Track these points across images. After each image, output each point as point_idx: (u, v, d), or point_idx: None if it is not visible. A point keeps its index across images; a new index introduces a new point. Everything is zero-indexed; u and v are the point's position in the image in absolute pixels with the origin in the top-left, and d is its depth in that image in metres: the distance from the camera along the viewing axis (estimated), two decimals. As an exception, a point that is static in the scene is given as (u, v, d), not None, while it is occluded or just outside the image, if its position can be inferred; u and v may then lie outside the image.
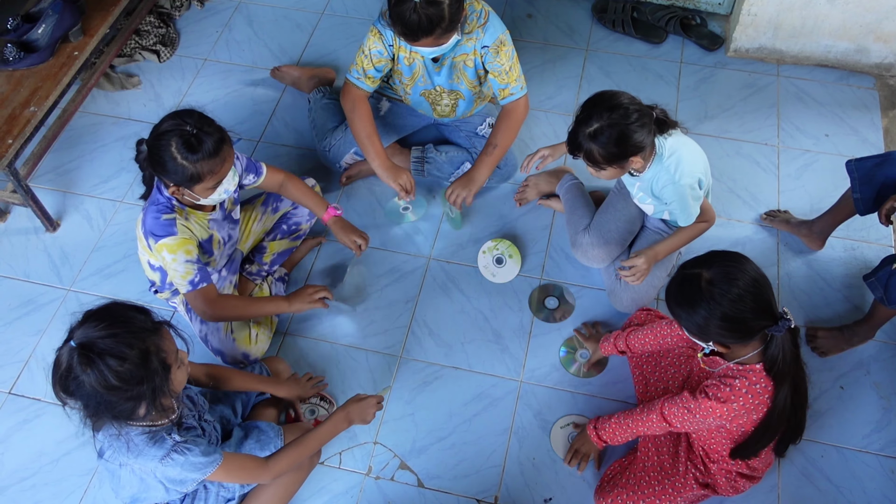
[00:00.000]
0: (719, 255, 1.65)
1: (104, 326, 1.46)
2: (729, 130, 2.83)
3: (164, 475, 1.62)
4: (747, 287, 1.58)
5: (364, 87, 2.42)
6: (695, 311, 1.61)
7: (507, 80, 2.37)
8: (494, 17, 2.31)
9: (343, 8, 3.30)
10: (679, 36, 3.12)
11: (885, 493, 2.06)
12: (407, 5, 2.05)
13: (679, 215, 2.14)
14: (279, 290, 2.39)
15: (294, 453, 1.82)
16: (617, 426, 1.97)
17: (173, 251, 1.96)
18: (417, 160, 2.66)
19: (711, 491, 1.96)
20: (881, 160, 2.09)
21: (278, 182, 2.28)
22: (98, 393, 1.45)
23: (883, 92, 2.91)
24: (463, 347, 2.35)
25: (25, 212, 2.67)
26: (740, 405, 1.69)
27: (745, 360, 1.70)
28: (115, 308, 1.52)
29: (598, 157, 1.94)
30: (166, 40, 3.15)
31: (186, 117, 1.86)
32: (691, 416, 1.77)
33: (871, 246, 2.51)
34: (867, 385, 2.24)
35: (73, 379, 1.44)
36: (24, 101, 2.42)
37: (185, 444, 1.61)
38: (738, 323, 1.59)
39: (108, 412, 1.49)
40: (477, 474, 2.13)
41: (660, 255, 2.22)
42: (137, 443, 1.57)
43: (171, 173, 1.86)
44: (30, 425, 2.25)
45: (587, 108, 1.94)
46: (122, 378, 1.44)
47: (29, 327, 2.43)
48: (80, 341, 1.44)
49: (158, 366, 1.50)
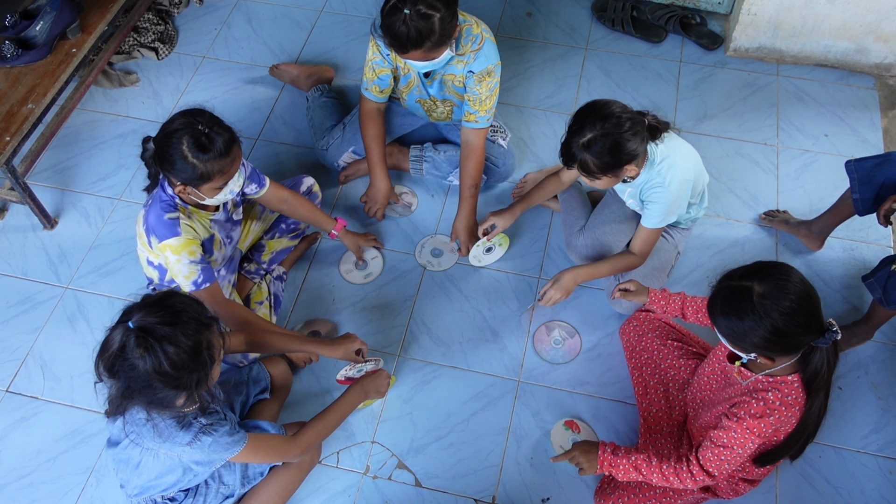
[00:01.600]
0: (770, 267, 1.59)
1: (164, 314, 1.50)
2: (728, 130, 2.82)
3: (191, 458, 1.66)
4: (800, 301, 1.54)
5: (373, 98, 2.42)
6: (742, 323, 1.56)
7: (477, 107, 2.34)
8: (490, 45, 2.28)
9: (342, 6, 3.29)
10: (679, 35, 3.11)
11: (883, 494, 2.06)
12: (397, 16, 2.04)
13: (652, 217, 2.12)
14: (277, 288, 2.39)
15: (320, 426, 1.88)
16: (633, 470, 1.84)
17: (177, 252, 1.95)
18: (416, 159, 2.65)
19: (712, 494, 1.96)
20: (881, 160, 2.09)
21: (281, 198, 2.26)
22: (146, 377, 1.48)
23: (883, 92, 2.91)
24: (461, 347, 2.35)
25: (23, 209, 2.66)
26: (776, 418, 1.65)
27: (776, 372, 1.66)
28: (175, 298, 1.57)
29: (593, 168, 1.93)
30: (165, 38, 3.14)
31: (198, 116, 1.86)
32: (731, 452, 1.69)
33: (870, 246, 2.51)
34: (865, 386, 2.24)
35: (124, 360, 1.47)
36: (21, 98, 2.42)
37: (211, 426, 1.64)
38: (787, 336, 1.55)
39: (145, 397, 1.52)
40: (475, 474, 2.13)
41: (580, 278, 2.22)
42: (165, 427, 1.60)
43: (179, 171, 1.85)
44: (27, 423, 2.24)
45: (579, 119, 1.93)
46: (175, 366, 1.48)
47: (26, 325, 2.42)
48: (139, 325, 1.47)
49: (207, 359, 1.54)
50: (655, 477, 1.80)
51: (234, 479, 1.90)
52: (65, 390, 2.30)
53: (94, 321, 2.42)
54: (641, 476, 1.82)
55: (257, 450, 1.75)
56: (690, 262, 2.49)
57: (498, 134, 2.62)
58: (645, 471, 1.81)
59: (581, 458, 1.93)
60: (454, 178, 2.64)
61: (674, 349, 2.11)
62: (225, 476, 1.89)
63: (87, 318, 2.43)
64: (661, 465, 1.80)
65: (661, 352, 2.12)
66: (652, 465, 1.81)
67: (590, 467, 1.91)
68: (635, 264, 2.22)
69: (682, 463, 1.78)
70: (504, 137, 2.63)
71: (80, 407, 2.26)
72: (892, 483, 2.08)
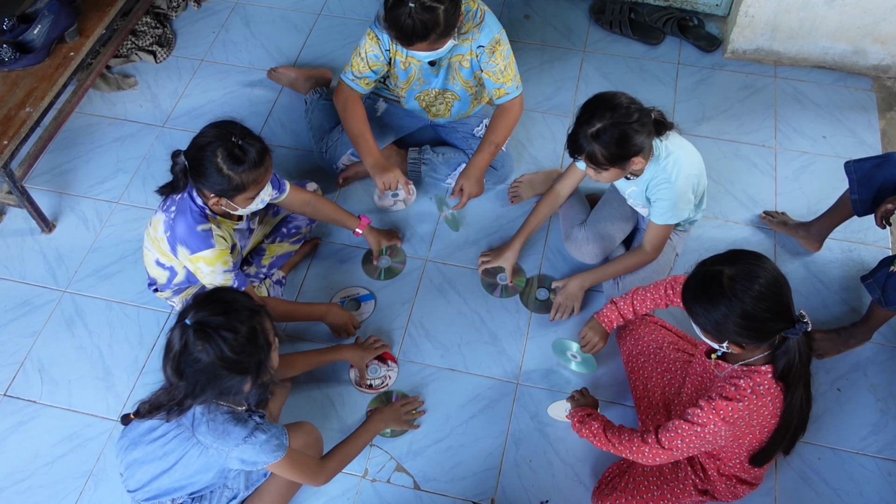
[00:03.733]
0: (741, 254, 1.63)
1: (214, 307, 1.58)
2: (726, 132, 2.83)
3: (241, 455, 1.68)
4: (769, 286, 1.56)
5: (357, 88, 2.42)
6: (715, 308, 1.59)
7: (502, 79, 2.36)
8: (490, 16, 2.31)
9: (340, 9, 3.30)
10: (676, 37, 3.12)
11: (882, 496, 2.06)
12: (402, 10, 2.04)
13: (662, 213, 2.12)
14: (277, 292, 2.38)
15: (342, 453, 1.94)
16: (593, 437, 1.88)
17: (212, 263, 1.98)
18: (414, 161, 2.65)
19: (710, 497, 1.95)
20: (880, 161, 2.09)
21: (304, 201, 2.27)
22: (212, 367, 1.55)
23: (880, 94, 2.91)
24: (459, 349, 2.35)
25: (21, 213, 2.66)
26: (745, 405, 1.66)
27: (751, 362, 1.68)
28: (223, 292, 1.67)
29: (601, 158, 1.93)
30: (163, 41, 3.14)
31: (229, 127, 1.88)
32: (690, 427, 1.70)
33: (869, 248, 2.51)
34: (864, 387, 2.24)
35: (188, 355, 1.55)
36: (19, 101, 2.41)
37: (265, 424, 1.70)
38: (758, 322, 1.57)
39: (214, 389, 1.59)
40: (473, 476, 2.13)
41: (587, 283, 2.23)
42: (222, 422, 1.66)
43: (214, 184, 1.87)
44: (25, 427, 2.24)
45: (588, 109, 1.93)
46: (236, 350, 1.55)
47: (24, 329, 2.42)
48: (195, 321, 1.55)
49: (264, 342, 1.61)
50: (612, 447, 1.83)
51: (238, 483, 1.90)
52: (63, 394, 2.29)
53: (93, 325, 2.42)
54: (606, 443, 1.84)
55: (293, 465, 1.77)
56: (689, 263, 2.43)
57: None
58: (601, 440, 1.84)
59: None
60: (452, 179, 2.64)
61: (670, 352, 2.11)
62: (229, 480, 1.89)
63: (86, 321, 2.43)
64: (620, 437, 1.82)
65: (658, 355, 2.12)
66: (611, 436, 1.83)
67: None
68: (646, 261, 2.22)
69: (637, 434, 1.79)
70: (502, 139, 2.63)
71: (77, 411, 2.26)
72: (891, 484, 2.08)
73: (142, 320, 2.43)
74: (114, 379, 2.31)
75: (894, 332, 2.33)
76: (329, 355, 2.19)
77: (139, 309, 2.45)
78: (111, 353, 2.36)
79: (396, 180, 2.39)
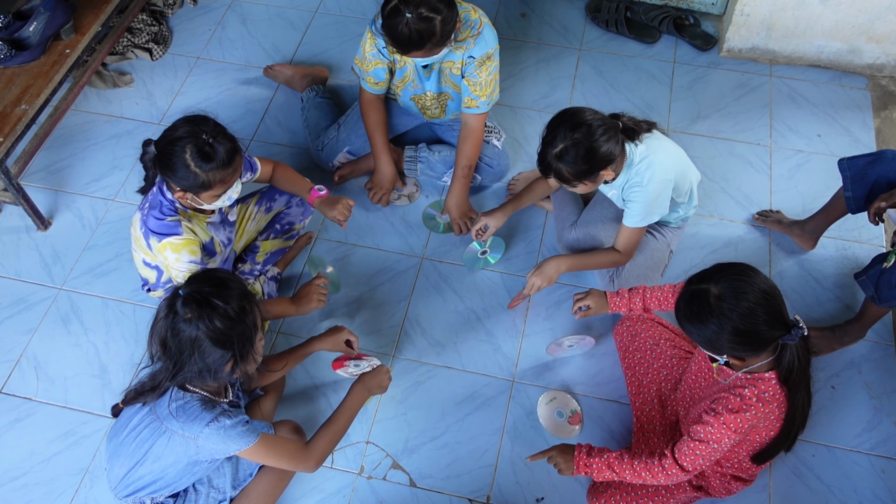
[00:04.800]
0: (726, 269, 1.61)
1: (209, 281, 1.62)
2: (722, 130, 2.83)
3: (207, 442, 1.65)
4: (757, 300, 1.55)
5: (370, 89, 2.44)
6: (705, 327, 1.58)
7: (478, 92, 2.36)
8: (489, 29, 2.30)
9: (336, 6, 3.30)
10: (672, 36, 3.12)
11: (876, 493, 2.07)
12: (398, 19, 2.05)
13: (633, 216, 2.12)
14: (271, 289, 2.38)
15: (330, 432, 1.88)
16: (607, 470, 1.82)
17: (177, 250, 1.96)
18: (410, 159, 2.66)
19: (704, 493, 1.96)
20: (873, 158, 2.10)
21: (269, 173, 2.29)
22: (197, 339, 1.57)
23: (875, 92, 2.92)
24: (455, 347, 2.35)
25: (17, 210, 2.65)
26: (752, 414, 1.66)
27: (754, 369, 1.67)
28: (219, 271, 1.70)
29: (568, 176, 1.95)
30: (159, 38, 3.14)
31: (202, 124, 1.86)
32: (706, 446, 1.70)
33: (863, 246, 2.52)
34: (858, 385, 2.24)
35: (175, 323, 1.57)
36: (15, 99, 2.41)
37: (231, 411, 1.69)
38: (751, 336, 1.57)
39: (196, 365, 1.60)
40: (469, 474, 2.13)
41: (563, 267, 2.22)
42: (192, 406, 1.65)
43: (180, 179, 1.86)
44: (21, 425, 2.24)
45: (551, 129, 1.95)
46: (224, 321, 1.58)
47: (20, 326, 2.42)
48: (187, 292, 1.59)
49: (251, 323, 1.63)
50: (628, 474, 1.79)
51: (224, 483, 1.89)
52: (58, 391, 2.29)
53: (88, 322, 2.42)
54: (615, 474, 1.81)
55: (271, 450, 1.75)
56: (684, 261, 2.50)
57: (492, 134, 2.63)
58: (618, 468, 1.80)
59: (559, 458, 1.90)
60: (448, 178, 2.64)
61: (667, 349, 2.12)
62: (215, 480, 1.88)
63: (81, 318, 2.43)
64: (632, 462, 1.79)
65: (654, 351, 2.13)
66: (624, 461, 1.80)
67: (567, 468, 1.88)
68: (619, 262, 2.23)
69: (655, 458, 1.77)
70: (498, 138, 2.64)
71: (73, 408, 2.26)
72: (884, 481, 2.09)
73: (137, 317, 2.43)
74: (109, 376, 2.31)
75: (888, 329, 2.34)
76: (304, 349, 2.13)
77: (135, 306, 2.45)
78: (107, 350, 2.36)
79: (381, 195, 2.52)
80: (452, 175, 2.49)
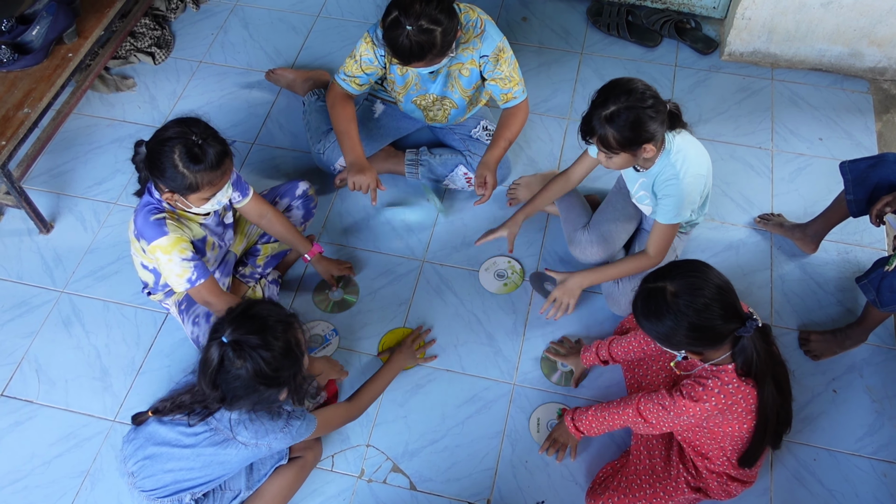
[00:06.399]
0: (681, 266, 1.67)
1: (251, 324, 1.63)
2: (723, 134, 2.83)
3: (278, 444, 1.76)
4: (712, 296, 1.60)
5: (347, 88, 2.43)
6: (662, 323, 1.63)
7: (508, 85, 2.37)
8: (491, 25, 2.31)
9: (339, 10, 3.31)
10: (673, 40, 3.13)
11: (877, 497, 2.06)
12: (399, 31, 2.05)
13: (666, 212, 2.08)
14: (272, 292, 2.39)
15: (372, 389, 2.09)
16: (594, 418, 1.96)
17: (168, 251, 1.96)
18: (412, 163, 2.66)
19: (703, 495, 1.95)
20: (875, 161, 2.09)
21: (261, 213, 2.24)
22: (250, 383, 1.62)
23: (877, 96, 2.92)
24: (456, 350, 2.35)
25: (19, 213, 2.66)
26: (712, 405, 1.71)
27: (718, 362, 1.72)
28: (258, 307, 1.69)
29: (613, 141, 1.92)
30: (161, 42, 3.15)
31: (192, 126, 1.86)
32: (666, 413, 1.78)
33: (865, 249, 2.52)
34: (860, 388, 2.24)
35: (226, 373, 1.61)
36: (17, 102, 2.42)
37: (297, 410, 1.79)
38: (707, 330, 1.62)
39: (251, 400, 1.66)
40: (469, 477, 2.13)
41: (585, 282, 2.23)
42: (259, 420, 1.73)
43: (168, 179, 1.86)
44: (22, 427, 2.24)
45: (604, 93, 1.93)
46: (273, 367, 1.62)
47: (22, 329, 2.42)
48: (232, 339, 1.61)
49: (297, 354, 1.68)
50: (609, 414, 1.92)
51: (239, 485, 1.92)
52: (60, 394, 2.30)
53: (90, 325, 2.42)
54: (604, 419, 1.93)
55: (328, 424, 1.94)
56: None
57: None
58: (602, 412, 1.94)
59: (555, 434, 2.10)
60: (450, 181, 2.64)
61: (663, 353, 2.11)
62: (231, 483, 1.91)
63: (83, 322, 2.43)
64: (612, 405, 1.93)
65: (654, 353, 2.13)
66: (609, 406, 1.93)
67: (570, 439, 2.07)
68: (647, 266, 2.17)
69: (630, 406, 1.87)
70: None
71: (74, 411, 2.26)
72: (886, 486, 2.08)
73: (139, 321, 2.43)
74: (111, 379, 2.32)
75: (890, 333, 2.34)
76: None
77: (136, 309, 2.45)
78: (108, 353, 2.37)
79: (367, 184, 2.37)
80: (492, 142, 2.44)
